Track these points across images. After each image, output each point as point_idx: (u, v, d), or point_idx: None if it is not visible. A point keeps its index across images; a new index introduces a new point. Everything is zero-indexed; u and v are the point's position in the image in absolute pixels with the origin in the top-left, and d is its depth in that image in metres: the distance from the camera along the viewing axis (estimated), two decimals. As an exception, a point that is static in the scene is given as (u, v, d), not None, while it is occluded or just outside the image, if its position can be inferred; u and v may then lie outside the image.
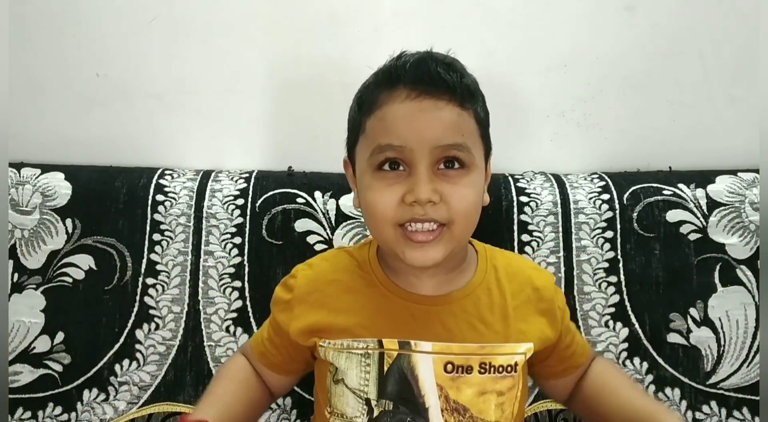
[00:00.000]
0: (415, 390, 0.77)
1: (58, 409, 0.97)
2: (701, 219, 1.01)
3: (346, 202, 1.01)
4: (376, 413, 0.77)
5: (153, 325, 0.98)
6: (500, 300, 0.81)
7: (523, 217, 1.01)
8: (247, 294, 0.99)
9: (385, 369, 0.77)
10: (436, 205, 0.73)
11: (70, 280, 0.99)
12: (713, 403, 0.98)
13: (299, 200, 1.01)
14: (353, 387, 0.78)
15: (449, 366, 0.77)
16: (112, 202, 1.01)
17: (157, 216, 1.00)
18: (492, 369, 0.78)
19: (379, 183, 0.75)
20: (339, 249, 0.89)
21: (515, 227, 1.01)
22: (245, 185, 1.03)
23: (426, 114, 0.73)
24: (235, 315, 0.98)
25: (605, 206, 1.02)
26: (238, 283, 0.99)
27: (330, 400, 0.81)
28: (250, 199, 1.01)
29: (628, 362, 0.98)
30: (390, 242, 0.76)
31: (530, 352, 0.80)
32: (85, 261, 0.99)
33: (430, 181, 0.73)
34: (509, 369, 0.78)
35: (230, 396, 0.83)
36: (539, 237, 1.01)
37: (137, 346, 0.98)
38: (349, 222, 1.00)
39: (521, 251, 1.00)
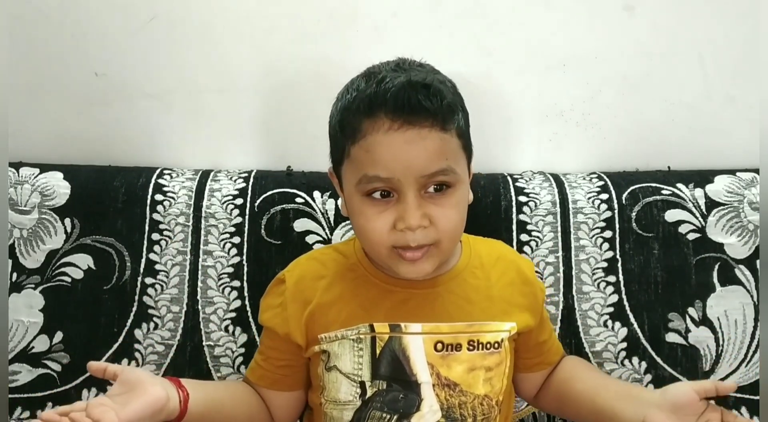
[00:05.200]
0: (407, 369, 0.80)
1: (57, 409, 0.97)
2: (700, 219, 1.01)
3: (345, 201, 1.01)
4: (369, 394, 0.80)
5: (152, 325, 0.98)
6: (485, 282, 0.86)
7: (521, 217, 1.01)
8: (245, 293, 0.99)
9: (378, 352, 0.80)
10: (426, 229, 0.76)
11: (69, 280, 0.99)
12: (711, 402, 0.98)
13: (298, 200, 1.01)
14: (347, 372, 0.81)
15: (439, 345, 0.81)
16: (111, 202, 1.01)
17: (155, 216, 1.00)
18: (480, 345, 0.82)
19: (369, 209, 0.78)
20: (325, 247, 0.93)
21: (514, 227, 1.01)
22: (244, 185, 1.03)
23: (411, 145, 0.75)
24: (233, 314, 0.98)
25: (604, 206, 1.02)
26: (237, 283, 0.99)
27: (323, 388, 0.83)
28: (249, 199, 1.01)
29: (626, 362, 0.98)
30: (384, 260, 0.80)
31: (514, 330, 0.84)
32: (84, 260, 0.99)
33: (419, 207, 0.76)
34: (496, 345, 0.82)
35: (216, 388, 0.86)
36: (538, 237, 1.01)
37: (136, 346, 0.98)
38: (348, 221, 1.00)
39: (520, 251, 1.00)
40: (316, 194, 1.02)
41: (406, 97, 0.75)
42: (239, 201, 1.01)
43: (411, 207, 0.75)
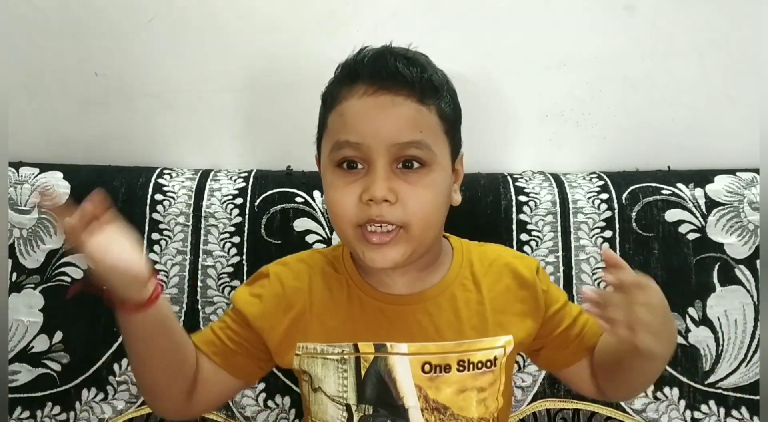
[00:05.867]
0: (393, 392, 0.76)
1: (57, 409, 0.97)
2: (700, 218, 1.01)
3: (345, 201, 1.01)
4: (356, 418, 0.77)
5: (152, 325, 0.98)
6: (476, 295, 0.80)
7: (521, 217, 1.01)
8: (245, 293, 0.99)
9: (363, 373, 0.76)
10: (393, 206, 0.72)
11: (69, 279, 0.99)
12: (712, 403, 0.98)
13: (298, 199, 1.01)
14: (332, 394, 0.78)
15: (427, 367, 0.76)
16: (111, 202, 1.00)
17: (155, 216, 1.00)
18: (471, 365, 0.77)
19: (338, 181, 0.75)
20: (314, 250, 0.88)
21: (514, 226, 1.01)
22: (244, 184, 1.03)
23: (382, 110, 0.73)
24: (233, 314, 0.98)
25: (604, 205, 1.02)
26: (236, 283, 0.99)
27: (310, 408, 0.80)
28: (248, 199, 1.01)
29: (626, 361, 0.98)
30: (351, 242, 0.75)
31: (510, 345, 0.78)
32: (84, 260, 0.99)
33: (387, 179, 0.72)
34: (489, 364, 0.77)
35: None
36: (538, 237, 1.01)
37: (136, 346, 0.98)
38: (347, 221, 1.00)
39: (519, 251, 0.99)
40: (316, 194, 1.02)
41: (383, 62, 0.74)
42: (239, 200, 1.01)
43: (378, 177, 0.72)
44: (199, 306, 0.98)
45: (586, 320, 0.83)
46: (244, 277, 0.99)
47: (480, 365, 0.77)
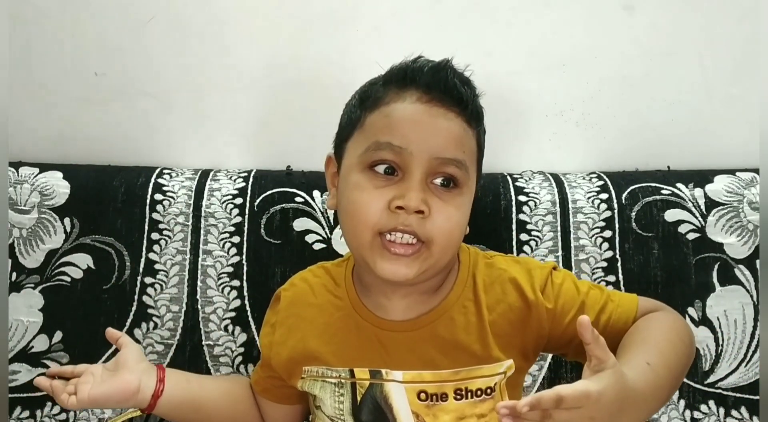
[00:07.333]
0: (390, 418, 0.75)
1: (57, 408, 0.97)
2: (699, 218, 1.01)
3: (345, 201, 1.01)
4: None
5: (151, 324, 0.98)
6: (476, 318, 0.77)
7: (521, 217, 1.01)
8: (245, 293, 0.99)
9: (359, 398, 0.76)
10: (422, 219, 0.70)
11: (69, 279, 0.99)
12: (711, 402, 0.98)
13: (298, 199, 1.01)
14: (330, 414, 0.78)
15: (422, 395, 0.74)
16: (111, 201, 1.01)
17: (155, 216, 1.00)
18: (469, 394, 0.74)
19: (366, 183, 0.72)
20: (320, 266, 0.86)
21: (513, 226, 1.01)
22: (244, 184, 1.03)
23: (434, 120, 0.72)
24: (233, 314, 0.98)
25: (604, 205, 1.02)
26: (236, 282, 0.99)
27: None
28: (248, 198, 1.01)
29: (626, 361, 0.98)
30: (364, 249, 0.72)
31: (511, 370, 0.76)
32: (84, 260, 0.99)
33: (422, 190, 0.70)
34: (488, 391, 0.75)
35: (202, 386, 0.86)
36: (537, 237, 1.01)
37: (135, 345, 0.98)
38: (347, 221, 1.00)
39: (519, 250, 1.00)
40: (316, 193, 1.02)
41: (443, 74, 0.73)
42: (239, 200, 1.01)
43: (414, 186, 0.70)
44: (199, 306, 0.98)
45: (609, 313, 0.78)
46: (244, 277, 0.99)
47: (479, 392, 0.75)
